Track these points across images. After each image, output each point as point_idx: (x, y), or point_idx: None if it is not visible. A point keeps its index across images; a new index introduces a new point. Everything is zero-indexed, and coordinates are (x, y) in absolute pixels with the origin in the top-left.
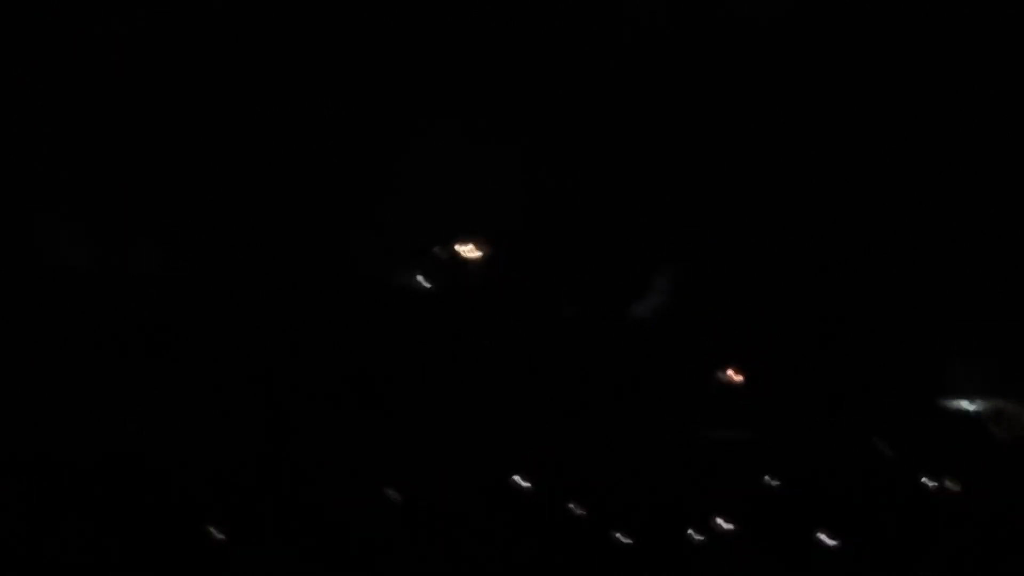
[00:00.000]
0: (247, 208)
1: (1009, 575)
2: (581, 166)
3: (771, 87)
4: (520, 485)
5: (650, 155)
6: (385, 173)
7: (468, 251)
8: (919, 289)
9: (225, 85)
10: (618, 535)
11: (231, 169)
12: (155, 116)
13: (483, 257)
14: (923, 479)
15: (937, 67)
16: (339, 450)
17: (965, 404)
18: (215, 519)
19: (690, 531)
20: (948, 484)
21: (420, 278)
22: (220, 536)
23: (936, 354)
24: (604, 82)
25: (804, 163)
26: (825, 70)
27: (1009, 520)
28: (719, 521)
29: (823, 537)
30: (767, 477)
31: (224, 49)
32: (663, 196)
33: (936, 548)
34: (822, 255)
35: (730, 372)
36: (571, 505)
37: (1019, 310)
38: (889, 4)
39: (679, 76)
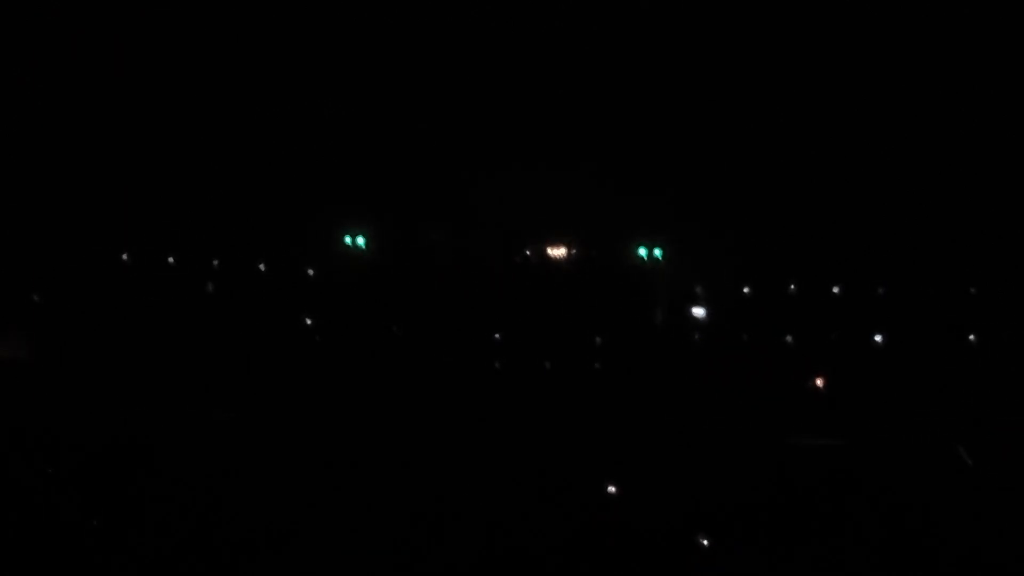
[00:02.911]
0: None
1: None
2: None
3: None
4: (611, 493)
5: (738, 169)
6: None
7: (558, 252)
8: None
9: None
10: (703, 540)
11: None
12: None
13: (572, 257)
14: (1003, 487)
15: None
16: (438, 448)
17: None
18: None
19: (775, 532)
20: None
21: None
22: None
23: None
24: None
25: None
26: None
27: None
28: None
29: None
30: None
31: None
32: (748, 208)
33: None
34: (909, 269)
35: (817, 380)
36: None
37: None
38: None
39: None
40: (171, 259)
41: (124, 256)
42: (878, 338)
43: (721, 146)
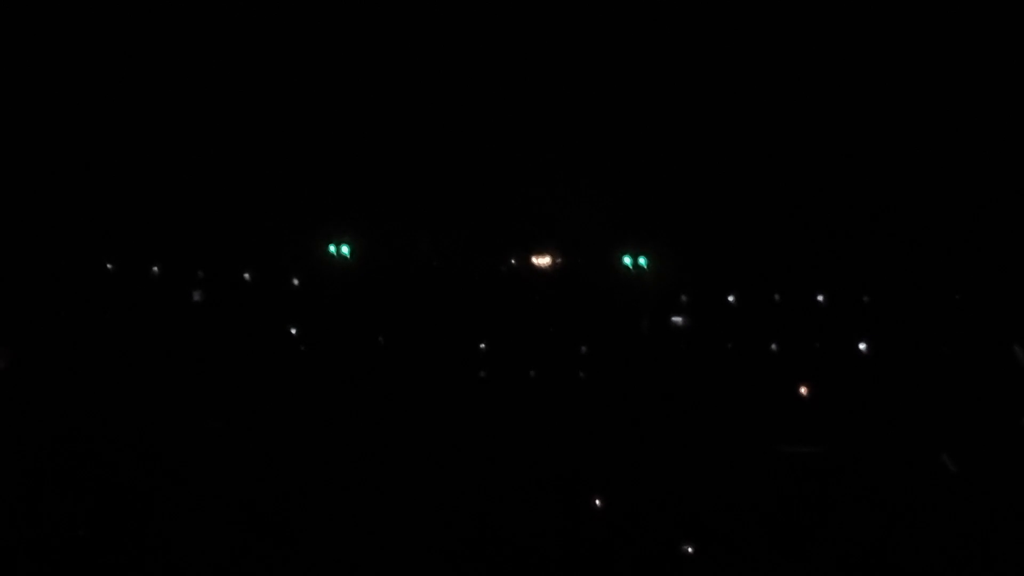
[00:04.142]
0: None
1: None
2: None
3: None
4: (597, 506)
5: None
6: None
7: (543, 261)
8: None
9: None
10: (688, 548)
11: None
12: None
13: (556, 266)
14: (987, 493)
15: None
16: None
17: None
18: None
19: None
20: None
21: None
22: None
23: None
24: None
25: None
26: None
27: None
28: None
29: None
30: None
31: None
32: (733, 217)
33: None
34: (894, 277)
35: (802, 388)
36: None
37: None
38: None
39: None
40: (156, 269)
41: (109, 266)
42: (862, 346)
43: (707, 156)
